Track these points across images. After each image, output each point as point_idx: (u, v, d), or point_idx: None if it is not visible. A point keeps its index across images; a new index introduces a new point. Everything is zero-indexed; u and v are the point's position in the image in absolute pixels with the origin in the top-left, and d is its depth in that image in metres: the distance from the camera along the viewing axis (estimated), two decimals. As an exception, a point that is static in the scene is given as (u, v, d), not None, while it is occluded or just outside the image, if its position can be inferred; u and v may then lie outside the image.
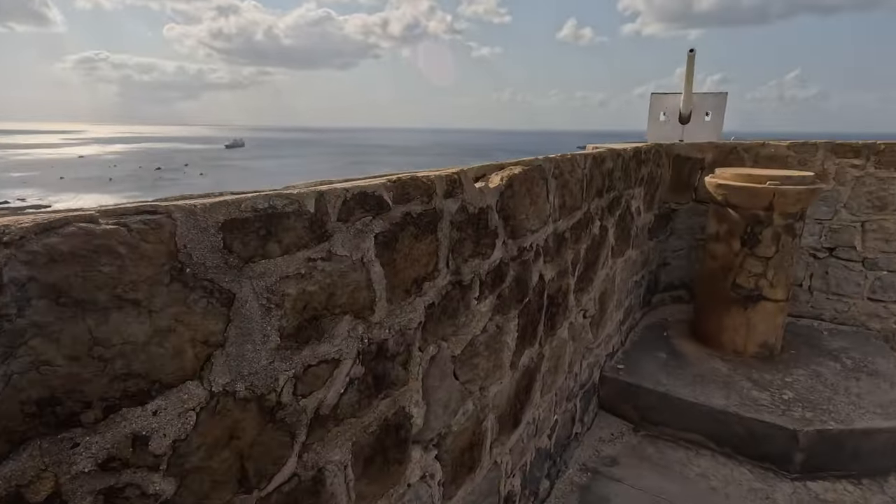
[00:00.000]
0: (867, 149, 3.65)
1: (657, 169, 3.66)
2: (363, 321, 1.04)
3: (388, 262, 1.08)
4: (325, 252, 0.92)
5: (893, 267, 3.74)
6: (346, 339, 1.00)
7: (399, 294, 1.14)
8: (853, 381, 3.14)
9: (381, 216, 1.04)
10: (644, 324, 3.99)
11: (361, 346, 1.04)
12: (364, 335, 1.05)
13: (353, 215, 0.97)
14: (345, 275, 0.97)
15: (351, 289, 0.99)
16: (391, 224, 1.08)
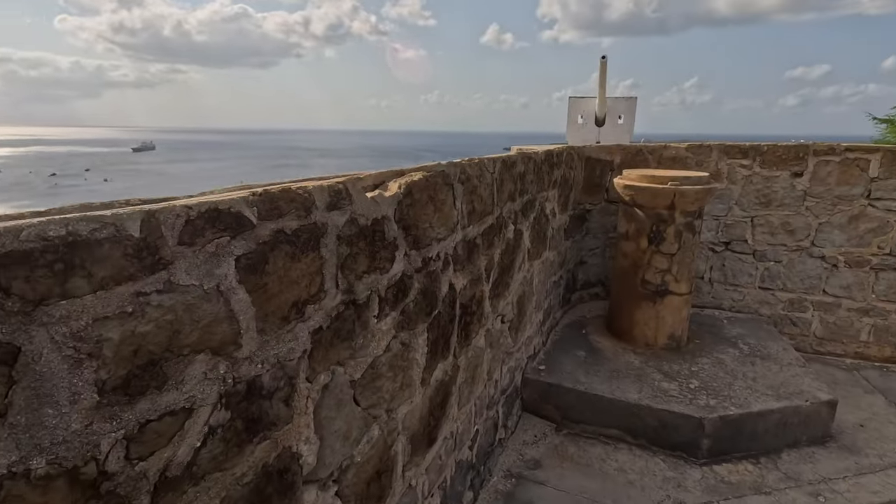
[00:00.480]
0: (753, 150, 3.97)
1: (570, 171, 3.75)
2: (226, 358, 0.90)
3: (256, 288, 0.94)
4: (163, 283, 0.76)
5: (779, 258, 4.10)
6: (202, 382, 0.85)
7: (274, 322, 1.00)
8: (749, 365, 3.38)
9: (242, 236, 0.90)
10: (564, 322, 4.08)
11: (224, 387, 0.89)
12: (228, 374, 0.90)
13: (202, 237, 0.82)
14: (194, 307, 0.82)
15: (205, 323, 0.84)
16: (258, 244, 0.94)
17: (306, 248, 1.06)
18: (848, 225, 3.89)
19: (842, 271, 3.98)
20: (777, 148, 3.92)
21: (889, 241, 3.83)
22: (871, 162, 3.74)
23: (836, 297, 4.04)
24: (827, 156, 3.82)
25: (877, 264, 3.89)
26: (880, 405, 3.45)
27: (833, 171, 3.83)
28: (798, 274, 4.09)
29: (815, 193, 3.91)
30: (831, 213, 3.90)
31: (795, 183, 3.93)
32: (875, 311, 3.97)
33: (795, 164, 3.90)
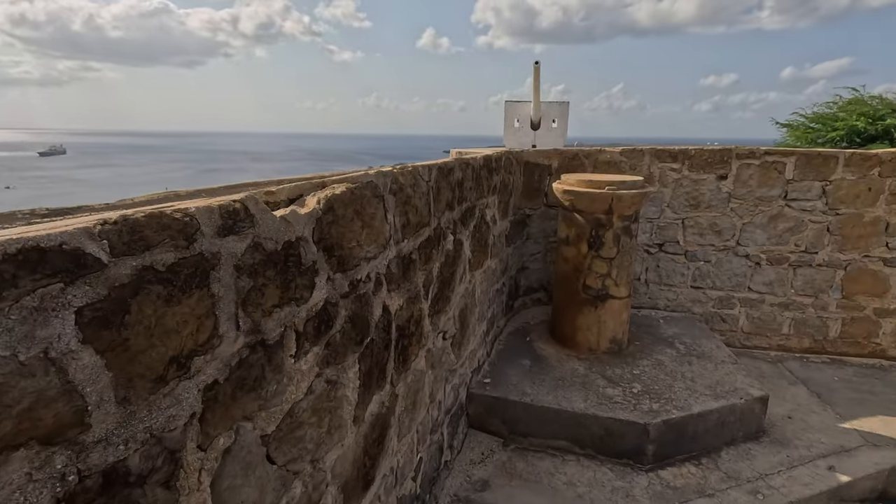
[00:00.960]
0: (682, 154, 4.09)
1: (509, 176, 3.67)
2: (66, 447, 0.66)
3: (112, 346, 0.71)
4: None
5: (708, 258, 4.25)
6: (24, 487, 0.61)
7: (144, 386, 0.77)
8: (687, 365, 3.44)
9: (86, 280, 0.67)
10: (508, 330, 4.00)
11: (64, 487, 0.66)
12: (70, 468, 0.67)
13: (15, 286, 0.59)
14: (6, 387, 0.58)
15: (22, 408, 0.60)
16: (112, 288, 0.71)
17: (189, 286, 0.84)
18: (768, 225, 4.09)
19: (764, 269, 4.18)
20: (703, 152, 4.06)
21: (804, 239, 4.07)
22: (787, 165, 3.95)
23: (760, 294, 4.24)
24: (748, 159, 4.00)
25: (794, 261, 4.12)
26: (803, 395, 3.63)
27: (754, 174, 4.01)
28: (726, 272, 4.26)
29: (738, 195, 4.08)
30: (753, 214, 4.09)
31: (721, 185, 4.09)
32: (794, 306, 4.21)
33: (720, 167, 4.05)
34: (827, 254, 4.06)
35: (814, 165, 3.91)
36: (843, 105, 20.28)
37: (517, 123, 6.85)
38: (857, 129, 18.47)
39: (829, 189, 3.93)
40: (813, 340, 4.24)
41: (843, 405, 3.49)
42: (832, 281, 4.10)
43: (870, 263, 4.01)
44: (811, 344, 4.25)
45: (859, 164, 3.84)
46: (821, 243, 4.05)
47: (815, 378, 3.87)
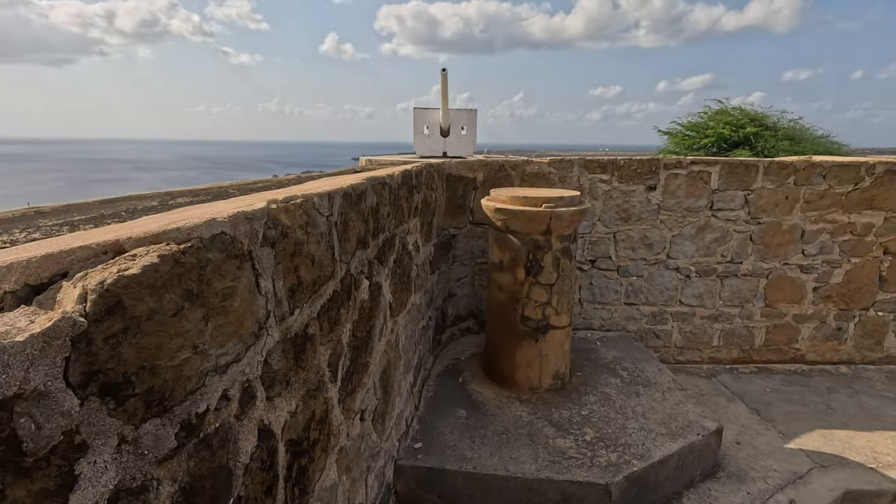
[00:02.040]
0: (611, 164, 3.84)
1: (432, 193, 3.14)
2: None
3: None
4: None
5: (640, 272, 4.04)
6: None
7: None
8: (635, 397, 3.13)
9: None
10: (437, 370, 3.46)
11: None
12: None
13: None
14: None
15: None
16: None
17: None
18: (697, 236, 3.97)
19: (694, 281, 4.06)
20: (632, 162, 3.84)
21: (730, 250, 4.00)
22: (713, 174, 3.85)
23: (691, 307, 4.12)
24: (675, 169, 3.84)
25: (721, 272, 4.04)
26: (744, 414, 3.50)
27: (682, 185, 3.86)
28: (658, 287, 4.08)
29: (667, 206, 3.91)
30: (682, 226, 3.95)
31: (650, 197, 3.89)
32: (723, 317, 4.13)
33: (649, 177, 3.86)
34: (751, 263, 4.02)
35: (737, 174, 3.85)
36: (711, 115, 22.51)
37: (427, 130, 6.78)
38: (724, 136, 20.56)
39: (751, 198, 3.89)
40: (741, 350, 4.20)
41: (782, 421, 3.39)
42: (756, 290, 4.08)
43: (788, 271, 4.04)
44: (739, 354, 4.21)
45: (777, 173, 3.84)
46: (745, 253, 4.00)
47: (749, 392, 3.79)
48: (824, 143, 20.80)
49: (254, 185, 2.19)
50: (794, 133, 18.81)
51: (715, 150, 20.89)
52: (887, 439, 3.21)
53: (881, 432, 3.28)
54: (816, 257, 4.01)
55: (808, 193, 3.88)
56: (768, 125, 18.99)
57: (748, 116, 19.24)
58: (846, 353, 4.21)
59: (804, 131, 20.40)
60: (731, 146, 19.24)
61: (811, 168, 3.83)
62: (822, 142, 20.16)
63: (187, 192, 1.90)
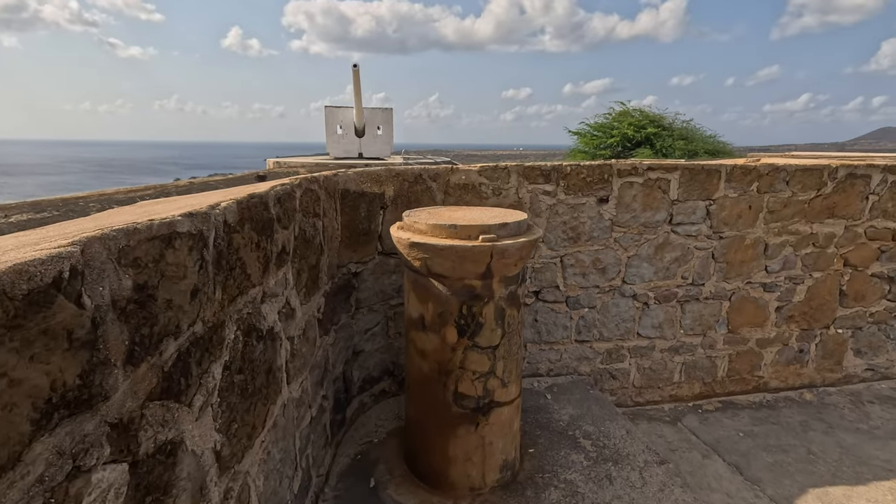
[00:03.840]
0: (556, 172, 3.05)
1: (315, 221, 2.12)
2: None
3: None
4: None
5: (593, 302, 3.31)
6: None
7: None
8: (608, 484, 2.35)
9: None
10: (340, 466, 2.45)
11: None
12: None
13: None
14: None
15: None
16: None
17: None
18: (655, 256, 3.31)
19: (653, 309, 3.41)
20: (581, 169, 3.08)
21: (691, 270, 3.39)
22: (671, 182, 3.20)
23: (650, 339, 3.46)
24: (630, 177, 3.14)
25: (682, 296, 3.43)
26: (725, 475, 2.87)
27: (638, 195, 3.18)
28: (613, 319, 3.37)
29: (621, 222, 3.21)
30: (639, 245, 3.27)
31: (602, 211, 3.17)
32: (684, 348, 3.53)
33: (600, 187, 3.13)
34: (713, 284, 3.44)
35: (698, 181, 3.23)
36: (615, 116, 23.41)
37: (340, 130, 6.18)
38: (628, 136, 21.42)
39: (712, 209, 3.30)
40: (703, 384, 3.63)
41: (769, 481, 2.80)
42: (719, 315, 3.51)
43: (751, 290, 3.51)
44: (701, 389, 3.63)
45: (740, 179, 3.27)
46: (707, 273, 3.41)
47: (723, 440, 3.19)
48: (712, 142, 22.30)
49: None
50: (687, 133, 19.99)
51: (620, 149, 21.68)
52: (885, 494, 2.71)
53: (875, 484, 2.79)
54: (779, 274, 3.52)
55: (772, 202, 3.36)
56: (665, 126, 20.03)
57: (648, 118, 20.18)
58: (808, 376, 3.79)
59: (695, 131, 21.74)
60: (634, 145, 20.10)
61: (775, 173, 3.31)
62: (710, 141, 21.62)
63: None
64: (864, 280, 3.69)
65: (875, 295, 3.74)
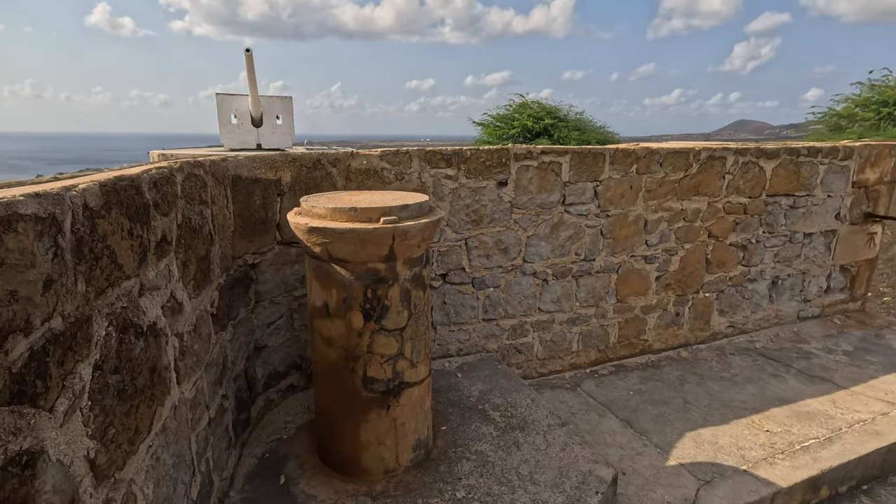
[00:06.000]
0: (457, 157, 3.12)
1: (203, 210, 1.97)
2: None
3: None
4: None
5: (497, 282, 3.45)
6: None
7: None
8: (515, 450, 2.48)
9: None
10: (246, 467, 2.33)
11: None
12: None
13: None
14: None
15: None
16: None
17: None
18: (551, 235, 3.53)
19: (551, 285, 3.64)
20: (480, 153, 3.18)
21: (583, 247, 3.67)
22: (563, 165, 3.42)
23: (550, 313, 3.70)
24: (526, 160, 3.31)
25: (577, 271, 3.70)
26: (618, 430, 3.16)
27: (534, 178, 3.35)
28: (516, 296, 3.55)
29: (520, 204, 3.37)
30: (536, 225, 3.46)
31: (502, 194, 3.30)
32: (580, 319, 3.81)
33: (499, 170, 3.25)
34: (602, 259, 3.75)
35: (586, 164, 3.48)
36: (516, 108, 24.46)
37: (235, 119, 5.71)
38: (528, 127, 22.55)
39: (599, 190, 3.58)
40: (598, 351, 3.96)
41: (654, 431, 3.14)
42: (608, 287, 3.84)
43: (635, 263, 3.89)
44: (597, 355, 3.96)
45: (622, 161, 3.59)
46: (597, 249, 3.71)
47: (616, 399, 3.51)
48: (602, 132, 24.16)
49: None
50: (581, 124, 21.52)
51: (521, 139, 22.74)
52: (743, 430, 3.16)
53: (735, 422, 3.25)
54: (657, 247, 3.93)
55: (649, 182, 3.73)
56: (561, 117, 21.38)
57: (545, 110, 21.40)
58: (683, 336, 4.29)
59: (587, 122, 23.40)
60: (534, 136, 21.24)
61: (651, 156, 3.67)
62: (601, 131, 23.43)
63: None
64: (724, 249, 4.24)
65: (733, 261, 4.32)
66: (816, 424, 3.22)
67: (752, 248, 4.36)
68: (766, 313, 4.63)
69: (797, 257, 4.63)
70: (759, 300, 4.57)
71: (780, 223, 4.43)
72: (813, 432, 3.14)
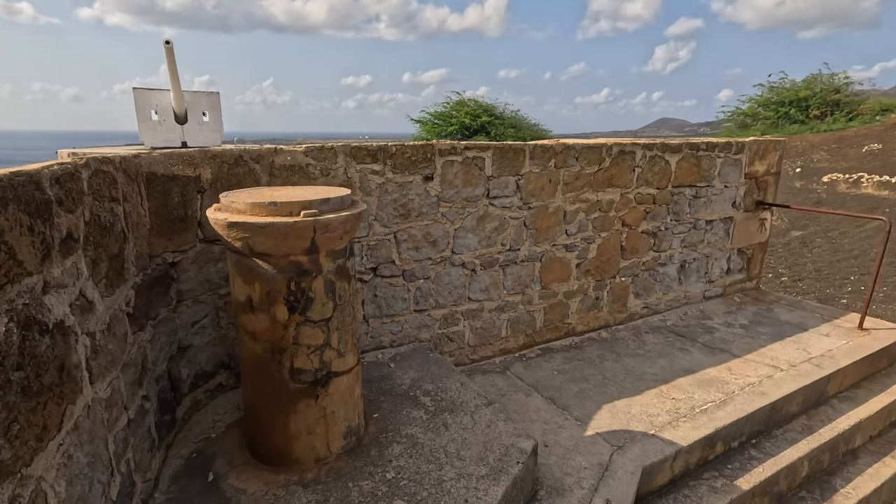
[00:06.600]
0: (382, 152, 3.20)
1: (114, 207, 1.93)
2: None
3: None
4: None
5: (427, 274, 3.57)
6: None
7: None
8: (444, 431, 2.62)
9: None
10: (172, 469, 2.29)
11: None
12: None
13: None
14: None
15: None
16: None
17: None
18: (477, 227, 3.70)
19: (480, 274, 3.81)
20: (405, 149, 3.27)
21: (508, 238, 3.87)
22: (486, 160, 3.59)
23: (480, 302, 3.87)
24: (451, 156, 3.44)
25: (503, 261, 3.89)
26: (542, 407, 3.39)
27: (459, 173, 3.50)
28: (446, 287, 3.69)
29: (447, 198, 3.51)
30: (463, 218, 3.61)
31: (429, 188, 3.42)
32: (508, 306, 4.02)
33: (425, 166, 3.37)
34: (527, 248, 3.98)
35: (508, 160, 3.68)
36: (453, 106, 24.79)
37: (156, 116, 5.38)
38: (466, 125, 22.94)
39: (521, 183, 3.79)
40: (525, 336, 4.19)
41: (575, 406, 3.39)
42: (533, 275, 4.08)
43: (557, 252, 4.14)
44: (525, 340, 4.19)
45: (541, 157, 3.82)
46: (521, 239, 3.93)
47: (541, 379, 3.75)
48: (537, 130, 24.96)
49: None
50: (516, 122, 22.19)
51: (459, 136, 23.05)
52: (653, 399, 3.49)
53: (646, 393, 3.57)
54: (576, 236, 4.21)
55: (567, 175, 3.99)
56: (497, 115, 21.95)
57: (482, 108, 21.87)
58: (603, 318, 4.62)
59: (522, 120, 24.09)
60: (471, 133, 21.67)
61: (566, 151, 3.93)
62: (535, 129, 24.23)
63: None
64: (637, 237, 4.61)
65: (645, 248, 4.70)
66: (714, 390, 3.61)
67: (661, 235, 4.77)
68: (676, 294, 5.08)
69: (701, 242, 5.11)
70: (670, 282, 5.00)
71: (686, 212, 4.87)
72: (711, 397, 3.52)
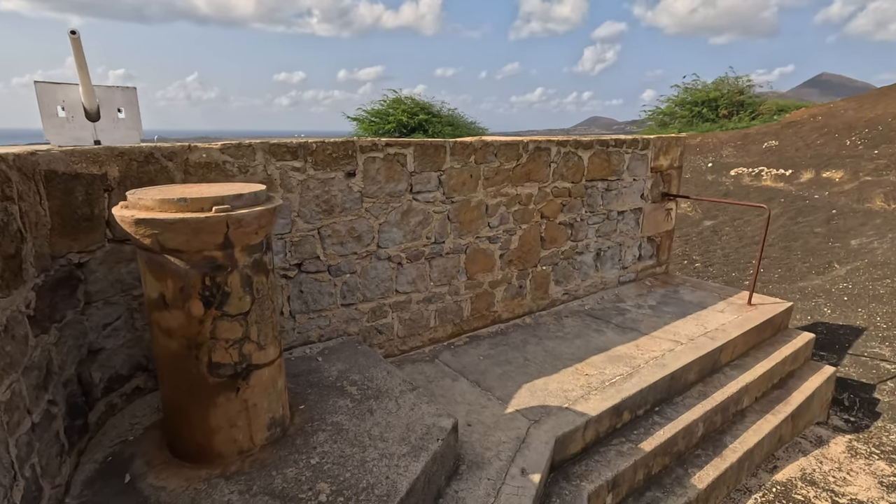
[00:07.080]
0: (303, 149, 3.24)
1: (8, 206, 1.86)
2: None
3: None
4: None
5: (353, 268, 3.65)
6: None
7: None
8: (369, 416, 2.72)
9: None
10: (85, 474, 2.24)
11: None
12: None
13: None
14: None
15: None
16: None
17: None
18: (402, 221, 3.82)
19: (406, 267, 3.94)
20: (326, 146, 3.33)
21: (433, 231, 4.02)
22: (408, 156, 3.72)
23: (407, 294, 4.00)
24: (372, 152, 3.54)
25: (429, 254, 4.04)
26: (468, 390, 3.58)
27: (381, 169, 3.60)
28: (373, 280, 3.78)
29: (370, 193, 3.60)
30: (387, 213, 3.72)
31: (351, 184, 3.50)
32: (436, 298, 4.18)
33: (346, 162, 3.44)
34: (451, 241, 4.15)
35: (429, 156, 3.83)
36: (390, 103, 24.76)
37: (63, 112, 4.99)
38: (403, 122, 23.00)
39: (443, 178, 3.96)
40: (454, 325, 4.37)
41: (498, 387, 3.61)
42: (459, 266, 4.26)
43: (480, 244, 4.35)
44: (453, 329, 4.37)
45: (461, 153, 4.00)
46: (445, 232, 4.09)
47: (468, 365, 3.94)
48: (473, 128, 25.40)
49: None
50: (454, 120, 22.51)
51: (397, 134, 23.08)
52: (569, 376, 3.78)
53: (563, 371, 3.86)
54: (499, 228, 4.45)
55: (487, 171, 4.21)
56: (435, 113, 22.15)
57: (419, 105, 21.98)
58: (526, 305, 4.90)
59: (460, 118, 24.46)
60: (409, 131, 21.72)
61: (486, 147, 4.14)
62: (472, 127, 24.65)
63: None
64: (555, 228, 4.93)
65: (563, 238, 5.03)
66: (623, 364, 3.96)
67: (577, 226, 5.12)
68: (593, 280, 5.47)
69: (614, 232, 5.53)
70: (587, 270, 5.38)
71: (599, 203, 5.26)
72: (619, 371, 3.86)
